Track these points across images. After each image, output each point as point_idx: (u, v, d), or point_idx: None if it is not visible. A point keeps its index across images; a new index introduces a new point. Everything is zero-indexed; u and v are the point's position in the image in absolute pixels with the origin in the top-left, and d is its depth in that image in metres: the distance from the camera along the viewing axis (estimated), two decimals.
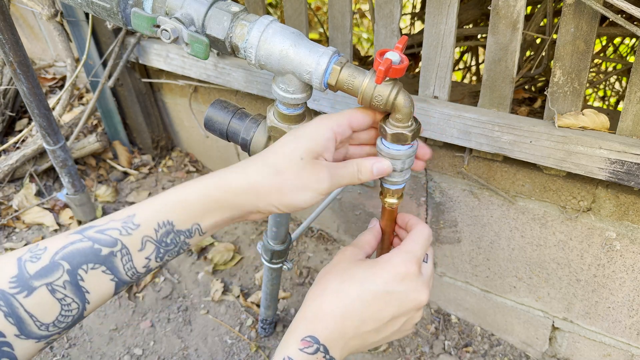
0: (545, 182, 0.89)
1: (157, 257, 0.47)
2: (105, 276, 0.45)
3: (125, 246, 0.45)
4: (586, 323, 1.01)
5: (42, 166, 1.45)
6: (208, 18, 0.52)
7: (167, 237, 0.47)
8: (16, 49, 0.96)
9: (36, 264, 0.42)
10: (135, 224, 0.46)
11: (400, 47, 0.50)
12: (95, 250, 0.44)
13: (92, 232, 0.45)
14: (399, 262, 0.52)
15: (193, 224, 0.48)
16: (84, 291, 0.44)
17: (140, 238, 0.46)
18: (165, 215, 0.47)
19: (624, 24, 0.66)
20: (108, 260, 0.44)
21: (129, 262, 0.46)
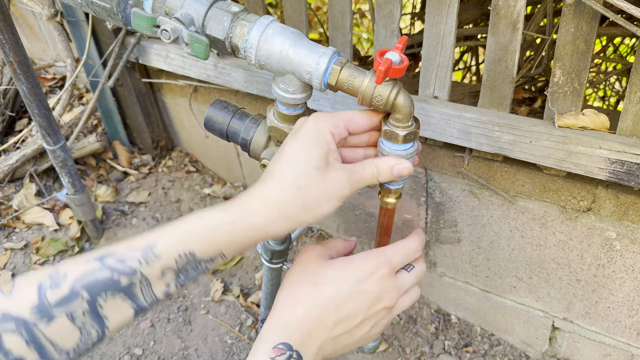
0: (545, 182, 0.89)
1: (177, 283, 0.47)
2: (124, 304, 0.45)
3: (145, 277, 0.45)
4: (586, 323, 1.01)
5: (42, 166, 1.45)
6: (208, 18, 0.52)
7: (187, 266, 0.47)
8: (16, 49, 0.96)
9: (56, 292, 0.43)
10: (155, 254, 0.45)
11: (400, 47, 0.50)
12: (114, 281, 0.44)
13: (112, 260, 0.45)
14: (370, 261, 0.52)
15: (215, 253, 0.48)
16: (103, 317, 0.44)
17: (160, 268, 0.46)
18: (187, 246, 0.46)
19: (624, 24, 0.66)
20: (127, 290, 0.45)
21: (148, 290, 0.46)
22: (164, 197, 1.53)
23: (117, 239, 1.39)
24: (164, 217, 1.47)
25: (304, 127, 0.51)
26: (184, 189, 1.56)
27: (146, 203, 1.51)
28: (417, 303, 1.27)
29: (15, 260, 1.28)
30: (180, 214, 1.48)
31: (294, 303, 0.50)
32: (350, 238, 0.62)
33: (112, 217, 1.45)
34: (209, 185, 1.58)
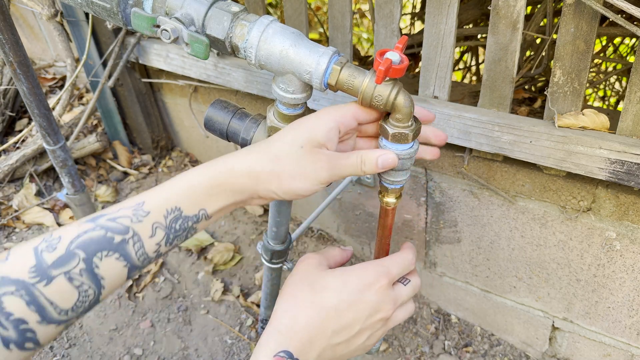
0: (545, 182, 0.89)
1: (167, 242, 0.49)
2: (118, 262, 0.46)
3: (137, 233, 0.46)
4: (586, 323, 1.01)
5: (42, 166, 1.45)
6: (208, 18, 0.52)
7: (175, 223, 0.48)
8: (16, 49, 0.96)
9: (53, 253, 0.44)
10: (145, 211, 0.47)
11: (400, 47, 0.50)
12: (108, 238, 0.45)
13: (104, 220, 0.46)
14: (370, 272, 0.52)
15: (200, 209, 0.49)
16: (100, 278, 0.45)
17: (151, 225, 0.47)
18: (173, 201, 0.48)
19: (624, 24, 0.66)
20: (121, 247, 0.46)
21: (140, 248, 0.47)
22: None
23: None
24: None
25: (310, 114, 0.53)
26: None
27: None
28: (417, 303, 1.27)
29: None
30: None
31: (295, 310, 0.51)
32: (346, 248, 0.62)
33: None
34: None
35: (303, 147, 0.50)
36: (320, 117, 0.52)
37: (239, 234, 1.45)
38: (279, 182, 0.50)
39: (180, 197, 0.49)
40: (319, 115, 0.52)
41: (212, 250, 1.38)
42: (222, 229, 1.45)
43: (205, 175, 0.50)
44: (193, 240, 1.39)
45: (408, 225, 1.16)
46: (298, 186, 0.50)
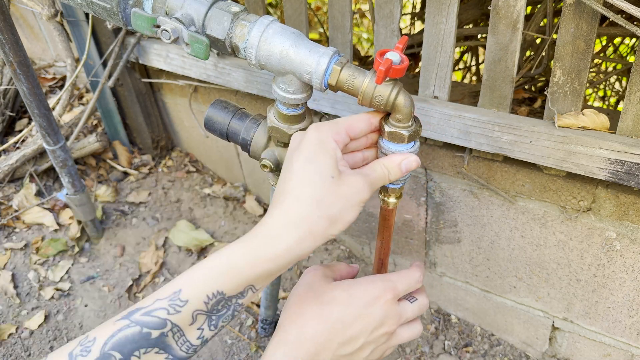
0: (545, 182, 0.89)
1: (210, 325, 0.46)
2: (159, 356, 0.44)
3: (176, 325, 0.44)
4: (586, 323, 1.01)
5: (42, 166, 1.45)
6: (208, 18, 0.52)
7: (218, 305, 0.45)
8: (16, 49, 0.96)
9: (87, 357, 0.41)
10: (182, 300, 0.44)
11: (400, 47, 0.50)
12: (144, 335, 0.43)
13: (138, 315, 0.43)
14: (376, 286, 0.52)
15: (246, 287, 0.46)
16: None
17: (190, 313, 0.44)
18: (214, 286, 0.45)
19: (624, 24, 0.66)
20: (160, 342, 0.43)
21: (181, 338, 0.44)
22: (164, 197, 1.53)
23: (117, 239, 1.39)
24: (164, 217, 1.47)
25: (306, 139, 0.49)
26: (184, 189, 1.56)
27: (146, 203, 1.51)
28: None
29: (15, 260, 1.28)
30: (180, 214, 1.48)
31: (301, 322, 0.50)
32: (353, 265, 0.61)
33: (112, 217, 1.45)
34: (209, 185, 1.58)
35: (334, 177, 0.47)
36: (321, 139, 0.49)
37: (239, 234, 1.45)
38: (332, 225, 0.47)
39: (223, 280, 0.45)
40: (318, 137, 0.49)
41: (212, 250, 1.37)
42: (222, 229, 1.45)
43: (251, 259, 0.45)
44: (193, 240, 1.39)
45: (408, 225, 1.16)
46: (350, 217, 0.48)
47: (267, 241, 0.46)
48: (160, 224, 1.44)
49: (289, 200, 0.47)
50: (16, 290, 1.22)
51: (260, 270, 0.45)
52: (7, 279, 1.23)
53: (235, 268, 0.45)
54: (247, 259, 0.45)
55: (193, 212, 1.49)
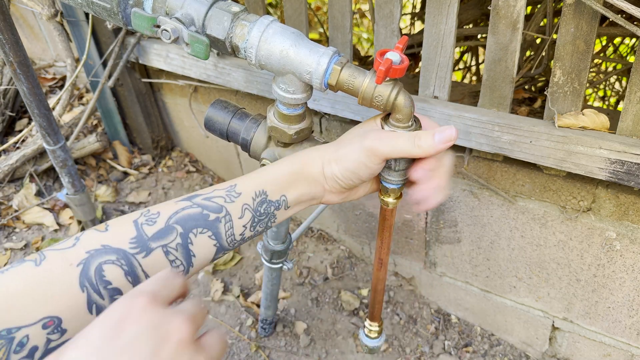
0: (545, 182, 0.89)
1: (252, 226, 0.51)
2: (210, 241, 0.47)
3: (229, 213, 0.48)
4: (586, 323, 1.01)
5: (42, 166, 1.45)
6: (208, 18, 0.52)
7: (261, 207, 0.51)
8: (16, 49, 0.96)
9: (152, 227, 0.45)
10: (237, 192, 0.50)
11: (400, 47, 0.50)
12: (204, 215, 0.47)
13: (200, 199, 0.48)
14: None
15: (281, 195, 0.52)
16: (192, 254, 0.46)
17: (241, 206, 0.49)
18: (260, 185, 0.51)
19: (624, 24, 0.66)
20: (214, 226, 0.47)
21: (230, 228, 0.49)
22: (164, 197, 1.53)
23: None
24: None
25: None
26: (184, 189, 1.56)
27: (146, 203, 1.51)
28: (417, 303, 1.27)
29: (15, 260, 1.28)
30: None
31: None
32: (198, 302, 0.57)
33: (112, 217, 1.45)
34: (209, 185, 1.59)
35: (359, 134, 0.53)
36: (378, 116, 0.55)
37: None
38: (338, 163, 0.52)
39: (267, 182, 0.52)
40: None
41: None
42: None
43: (288, 164, 0.53)
44: None
45: (408, 225, 1.16)
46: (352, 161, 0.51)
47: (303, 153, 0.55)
48: None
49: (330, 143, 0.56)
50: None
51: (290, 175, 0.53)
52: None
53: (275, 174, 0.53)
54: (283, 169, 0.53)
55: None
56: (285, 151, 0.62)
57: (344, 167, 0.52)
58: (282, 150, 0.63)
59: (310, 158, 0.54)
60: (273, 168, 0.54)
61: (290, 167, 0.53)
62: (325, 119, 1.13)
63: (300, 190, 0.53)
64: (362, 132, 0.53)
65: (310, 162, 0.54)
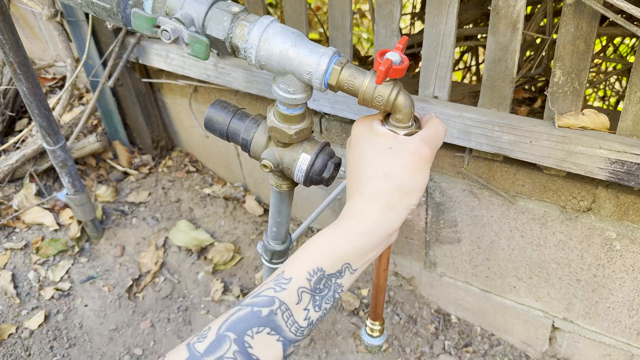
0: (545, 182, 0.89)
1: (315, 306, 0.47)
2: (271, 338, 0.44)
3: (283, 302, 0.45)
4: (586, 323, 1.01)
5: (42, 166, 1.45)
6: (208, 18, 0.52)
7: (320, 284, 0.47)
8: (16, 49, 0.96)
9: (203, 342, 0.43)
10: (286, 278, 0.46)
11: (400, 47, 0.50)
12: (255, 313, 0.44)
13: (248, 299, 0.46)
14: None
15: (343, 265, 0.48)
16: (255, 359, 0.43)
17: (296, 290, 0.46)
18: (313, 263, 0.47)
19: (624, 24, 0.66)
20: (270, 320, 0.44)
21: (290, 317, 0.45)
22: (164, 197, 1.53)
23: (117, 239, 1.39)
24: (164, 217, 1.47)
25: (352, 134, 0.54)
26: (184, 189, 1.56)
27: (146, 203, 1.51)
28: (417, 303, 1.27)
29: (15, 260, 1.28)
30: (180, 214, 1.48)
31: None
32: None
33: (112, 217, 1.45)
34: (209, 185, 1.58)
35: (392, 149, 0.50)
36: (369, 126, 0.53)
37: (239, 234, 1.45)
38: (409, 195, 0.49)
39: (320, 257, 0.48)
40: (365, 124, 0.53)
41: (212, 250, 1.38)
42: (222, 229, 1.45)
43: (342, 234, 0.49)
44: (193, 240, 1.39)
45: (408, 225, 1.16)
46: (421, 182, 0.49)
47: (353, 220, 0.49)
48: (160, 224, 1.44)
49: (363, 181, 0.50)
50: (16, 290, 1.22)
51: (354, 246, 0.48)
52: (7, 279, 1.23)
53: (331, 245, 0.48)
54: (340, 237, 0.49)
55: (193, 212, 1.49)
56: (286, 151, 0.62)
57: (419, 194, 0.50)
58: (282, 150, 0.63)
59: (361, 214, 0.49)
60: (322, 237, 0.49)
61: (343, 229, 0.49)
62: (325, 119, 1.13)
63: (361, 250, 0.49)
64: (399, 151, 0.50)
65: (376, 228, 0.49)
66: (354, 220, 0.49)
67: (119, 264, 1.33)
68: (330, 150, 0.61)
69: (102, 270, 1.31)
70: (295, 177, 0.63)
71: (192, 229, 1.43)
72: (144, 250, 1.37)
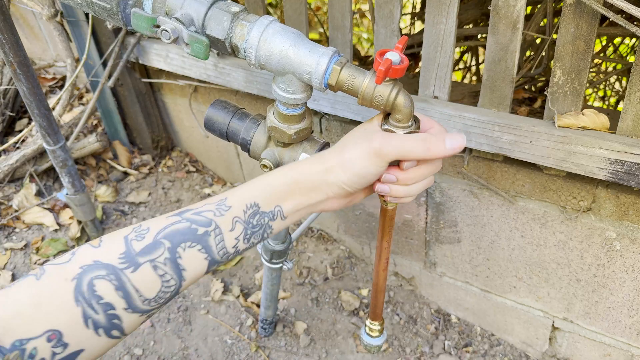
0: (545, 182, 0.89)
1: (245, 238, 0.51)
2: (200, 254, 0.48)
3: (219, 226, 0.49)
4: (586, 323, 1.01)
5: (42, 166, 1.45)
6: (208, 18, 0.52)
7: (253, 218, 0.51)
8: (16, 49, 0.96)
9: (141, 242, 0.46)
10: (227, 205, 0.50)
11: (400, 47, 0.50)
12: (192, 230, 0.47)
13: (189, 214, 0.49)
14: None
15: (275, 205, 0.52)
16: (181, 268, 0.47)
17: (231, 219, 0.49)
18: (252, 197, 0.51)
19: (624, 24, 0.66)
20: (203, 240, 0.48)
21: (221, 241, 0.49)
22: (164, 197, 1.53)
23: None
24: None
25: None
26: (184, 189, 1.56)
27: (146, 203, 1.51)
28: (417, 303, 1.27)
29: (15, 260, 1.28)
30: None
31: None
32: None
33: (112, 217, 1.45)
34: (209, 185, 1.58)
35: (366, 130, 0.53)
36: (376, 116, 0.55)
37: None
38: (344, 167, 0.51)
39: (259, 193, 0.51)
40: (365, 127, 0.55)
41: None
42: None
43: (283, 173, 0.53)
44: None
45: (408, 225, 1.16)
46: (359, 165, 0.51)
47: (300, 163, 0.54)
48: None
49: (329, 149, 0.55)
50: None
51: (287, 184, 0.52)
52: (7, 279, 1.23)
53: (269, 184, 0.52)
54: (280, 176, 0.52)
55: None
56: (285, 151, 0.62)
57: (351, 172, 0.51)
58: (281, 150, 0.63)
59: (310, 166, 0.53)
60: (267, 178, 0.53)
61: (286, 176, 0.53)
62: (325, 119, 1.13)
63: (297, 199, 0.53)
64: (365, 134, 0.52)
65: (310, 169, 0.52)
66: (295, 164, 0.54)
67: None
68: None
69: None
70: None
71: None
72: None
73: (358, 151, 0.51)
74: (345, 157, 0.51)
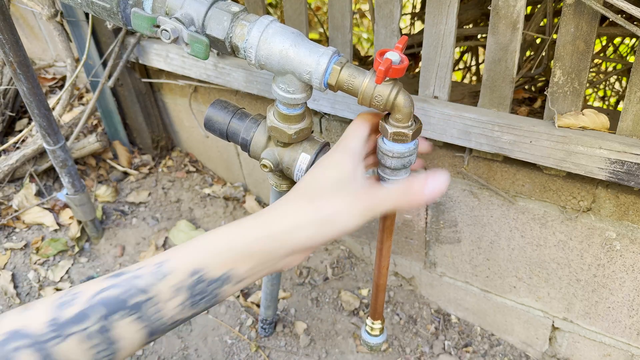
0: (545, 182, 0.89)
1: (192, 304, 0.46)
2: (135, 324, 0.44)
3: (156, 294, 0.44)
4: (586, 323, 1.01)
5: (42, 166, 1.45)
6: (208, 18, 0.52)
7: (197, 286, 0.46)
8: (16, 49, 0.96)
9: (69, 310, 0.42)
10: (167, 269, 0.45)
11: (400, 47, 0.50)
12: (123, 299, 0.43)
13: (125, 277, 0.44)
14: None
15: (224, 272, 0.46)
16: (114, 339, 0.43)
17: (169, 287, 0.45)
18: (196, 262, 0.46)
19: (624, 24, 0.66)
20: (137, 308, 0.44)
21: (157, 312, 0.45)
22: (164, 197, 1.53)
23: (117, 239, 1.39)
24: (164, 217, 1.47)
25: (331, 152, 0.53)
26: (184, 189, 1.57)
27: (146, 203, 1.51)
28: (417, 303, 1.27)
29: (15, 260, 1.28)
30: (180, 214, 1.48)
31: None
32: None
33: (112, 217, 1.45)
34: (209, 185, 1.58)
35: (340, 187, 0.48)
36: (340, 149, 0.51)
37: None
38: (322, 226, 0.47)
39: (206, 257, 0.46)
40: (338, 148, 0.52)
41: None
42: None
43: (241, 234, 0.47)
44: None
45: (408, 225, 1.16)
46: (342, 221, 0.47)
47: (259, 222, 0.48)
48: (160, 224, 1.44)
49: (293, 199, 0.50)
50: (16, 290, 1.22)
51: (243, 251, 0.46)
52: (7, 279, 1.23)
53: (217, 245, 0.46)
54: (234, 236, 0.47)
55: (193, 212, 1.49)
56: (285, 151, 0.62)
57: (331, 230, 0.47)
58: (281, 150, 0.63)
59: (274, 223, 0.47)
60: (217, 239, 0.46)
61: (244, 238, 0.46)
62: (325, 119, 1.13)
63: (256, 260, 0.47)
64: (342, 185, 0.48)
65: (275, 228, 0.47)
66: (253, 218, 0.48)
67: (119, 264, 1.33)
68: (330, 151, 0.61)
69: (102, 271, 1.31)
70: (295, 177, 0.63)
71: (192, 229, 1.43)
72: (144, 250, 1.37)
73: (339, 208, 0.47)
74: (323, 213, 0.47)
